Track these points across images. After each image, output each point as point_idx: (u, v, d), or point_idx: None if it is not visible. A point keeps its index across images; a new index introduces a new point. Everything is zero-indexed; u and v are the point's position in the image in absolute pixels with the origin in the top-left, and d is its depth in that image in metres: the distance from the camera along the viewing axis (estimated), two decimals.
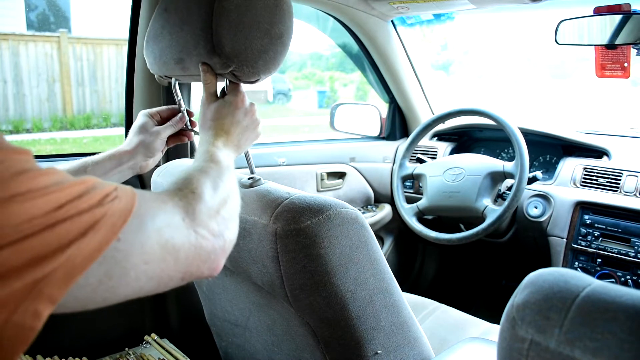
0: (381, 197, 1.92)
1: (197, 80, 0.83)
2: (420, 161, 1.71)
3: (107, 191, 0.41)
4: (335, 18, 1.75)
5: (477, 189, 1.46)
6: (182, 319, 1.39)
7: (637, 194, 1.35)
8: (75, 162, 0.87)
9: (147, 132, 0.90)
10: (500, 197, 1.51)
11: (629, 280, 1.33)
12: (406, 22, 1.84)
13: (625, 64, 1.31)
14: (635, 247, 1.32)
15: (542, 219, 1.50)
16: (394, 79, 1.87)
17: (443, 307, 1.35)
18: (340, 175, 1.82)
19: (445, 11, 1.70)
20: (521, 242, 1.63)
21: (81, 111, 6.04)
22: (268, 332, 0.91)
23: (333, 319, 0.76)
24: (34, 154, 0.40)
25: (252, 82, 0.77)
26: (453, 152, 1.81)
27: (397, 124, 1.97)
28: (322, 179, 1.76)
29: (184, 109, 0.93)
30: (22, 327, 0.34)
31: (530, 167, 1.52)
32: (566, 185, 1.49)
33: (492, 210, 1.41)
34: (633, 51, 1.30)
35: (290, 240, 0.71)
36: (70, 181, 0.39)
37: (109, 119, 6.32)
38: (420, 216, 1.58)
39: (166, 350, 1.18)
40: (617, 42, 1.27)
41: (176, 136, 0.95)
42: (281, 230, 0.71)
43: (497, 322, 0.54)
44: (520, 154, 1.39)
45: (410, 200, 1.63)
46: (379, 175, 1.90)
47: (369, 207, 1.91)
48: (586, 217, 1.42)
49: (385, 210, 1.89)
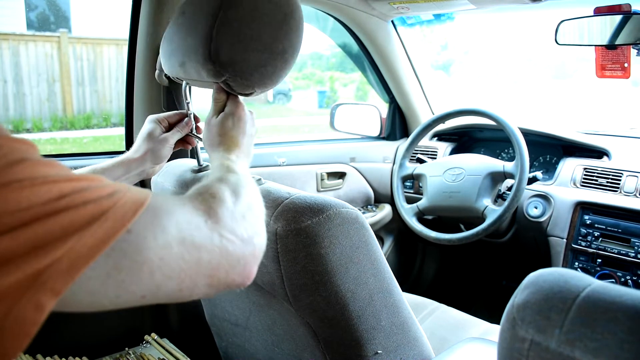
0: (381, 197, 1.92)
1: (196, 85, 0.84)
2: (421, 161, 1.71)
3: (116, 186, 0.40)
4: (335, 18, 1.75)
5: (477, 189, 1.46)
6: (182, 319, 1.39)
7: (637, 194, 1.35)
8: (83, 169, 0.87)
9: (155, 139, 0.90)
10: (500, 197, 1.51)
11: (629, 281, 1.33)
12: (406, 22, 1.84)
13: (626, 64, 1.31)
14: (635, 248, 1.32)
15: (542, 219, 1.50)
16: (394, 79, 1.87)
17: (443, 307, 1.35)
18: (341, 175, 1.82)
19: (446, 11, 1.70)
20: (521, 243, 1.63)
21: (81, 111, 6.04)
22: (268, 332, 0.91)
23: (333, 319, 0.76)
24: None
25: (246, 95, 0.77)
26: (453, 152, 1.81)
27: (397, 124, 1.97)
28: (322, 179, 1.76)
29: (191, 112, 0.93)
30: (24, 320, 0.33)
31: (530, 167, 1.53)
32: (566, 186, 1.49)
33: (492, 210, 1.42)
34: (633, 51, 1.30)
35: (291, 240, 0.71)
36: (76, 175, 0.38)
37: (109, 118, 6.32)
38: (420, 216, 1.58)
39: (166, 350, 1.18)
40: (617, 42, 1.27)
41: (181, 141, 0.95)
42: (281, 230, 0.71)
43: (497, 322, 0.54)
44: (520, 154, 1.39)
45: (410, 201, 1.63)
46: (379, 176, 1.90)
47: (369, 207, 1.91)
48: (586, 217, 1.42)
49: (386, 210, 1.89)
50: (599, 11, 1.29)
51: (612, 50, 1.31)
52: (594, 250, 1.39)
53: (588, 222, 1.41)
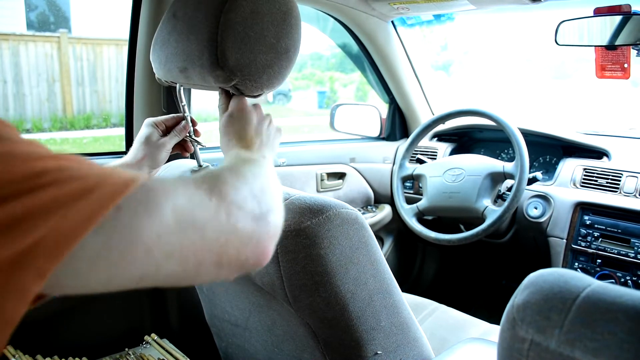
0: (381, 198, 1.92)
1: (199, 89, 0.83)
2: (420, 162, 1.71)
3: (107, 168, 0.38)
4: (335, 18, 1.75)
5: (477, 189, 1.46)
6: (182, 319, 1.39)
7: (637, 195, 1.35)
8: None
9: (152, 143, 0.89)
10: (500, 197, 1.51)
11: (629, 281, 1.33)
12: (406, 22, 1.84)
13: (625, 65, 1.31)
14: (635, 248, 1.32)
15: (542, 220, 1.50)
16: (394, 79, 1.87)
17: (443, 307, 1.35)
18: (340, 175, 1.83)
19: (445, 12, 1.70)
20: (521, 243, 1.63)
21: (81, 111, 6.04)
22: (268, 333, 0.91)
23: (333, 320, 0.76)
24: None
25: (255, 96, 0.77)
26: (453, 152, 1.81)
27: (397, 124, 1.97)
28: (322, 180, 1.76)
29: (187, 115, 0.93)
30: (5, 308, 0.30)
31: (530, 168, 1.53)
32: (566, 186, 1.49)
33: (492, 210, 1.42)
34: (633, 52, 1.30)
35: (290, 241, 0.71)
36: (63, 154, 0.36)
37: (109, 119, 6.32)
38: (420, 217, 1.58)
39: (166, 351, 1.18)
40: (617, 43, 1.27)
41: (179, 145, 0.94)
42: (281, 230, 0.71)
43: (497, 323, 0.54)
44: (520, 155, 1.39)
45: (410, 201, 1.63)
46: (379, 176, 1.90)
47: (369, 207, 1.91)
48: (586, 217, 1.42)
49: (385, 211, 1.89)
50: (599, 12, 1.29)
51: (612, 51, 1.31)
52: (594, 251, 1.39)
53: (588, 222, 1.41)
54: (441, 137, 1.90)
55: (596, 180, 1.44)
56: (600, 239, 1.39)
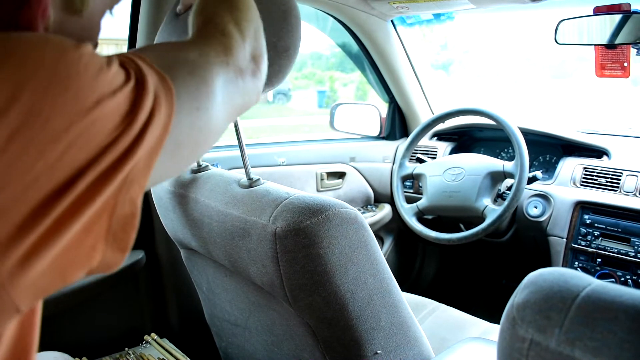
0: (381, 197, 1.92)
1: None
2: (420, 161, 1.71)
3: (149, 97, 0.39)
4: (335, 18, 1.75)
5: (477, 188, 1.46)
6: (182, 319, 1.39)
7: (637, 194, 1.35)
8: None
9: None
10: (500, 196, 1.51)
11: (629, 280, 1.33)
12: (406, 21, 1.83)
13: (625, 64, 1.31)
14: (635, 247, 1.32)
15: (542, 219, 1.50)
16: (393, 78, 1.87)
17: (443, 306, 1.35)
18: (340, 175, 1.82)
19: (445, 11, 1.70)
20: (521, 242, 1.63)
21: None
22: (268, 332, 0.91)
23: (333, 319, 0.76)
24: None
25: None
26: (453, 151, 1.81)
27: (397, 123, 1.97)
28: (322, 179, 1.76)
29: None
30: (125, 216, 0.37)
31: (530, 167, 1.52)
32: (566, 185, 1.49)
33: (492, 210, 1.41)
34: (633, 51, 1.30)
35: (290, 241, 0.71)
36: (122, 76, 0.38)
37: None
38: (420, 216, 1.57)
39: (166, 350, 1.18)
40: (617, 41, 1.27)
41: None
42: (280, 230, 0.71)
43: (497, 322, 0.54)
44: (520, 154, 1.39)
45: (410, 200, 1.63)
46: (378, 175, 1.90)
47: (368, 207, 1.91)
48: (586, 216, 1.42)
49: (385, 210, 1.89)
50: (599, 10, 1.29)
51: (612, 50, 1.31)
52: (594, 250, 1.39)
53: (588, 221, 1.41)
54: (441, 136, 1.90)
55: (596, 179, 1.44)
56: (600, 238, 1.38)
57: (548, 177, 1.56)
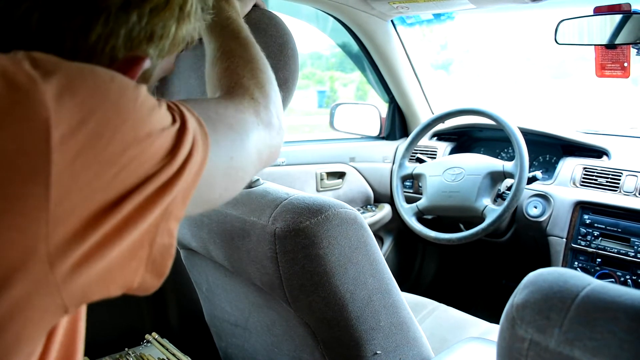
0: (381, 197, 1.92)
1: None
2: (420, 161, 1.71)
3: (191, 135, 0.44)
4: (335, 18, 1.75)
5: (476, 188, 1.46)
6: (182, 319, 1.39)
7: (637, 194, 1.35)
8: None
9: None
10: (500, 196, 1.51)
11: (629, 280, 1.33)
12: (406, 21, 1.83)
13: (625, 64, 1.31)
14: (635, 247, 1.32)
15: (541, 219, 1.50)
16: (393, 78, 1.87)
17: (443, 307, 1.35)
18: (340, 175, 1.82)
19: (445, 11, 1.70)
20: (521, 242, 1.63)
21: None
22: (267, 333, 0.91)
23: (332, 319, 0.76)
24: None
25: None
26: (453, 151, 1.81)
27: (397, 123, 1.96)
28: (321, 179, 1.76)
29: None
30: (164, 246, 0.41)
31: (529, 167, 1.52)
32: (566, 185, 1.49)
33: (491, 210, 1.41)
34: (633, 51, 1.30)
35: (289, 241, 0.71)
36: (167, 120, 0.43)
37: None
38: (420, 216, 1.57)
39: (166, 350, 1.18)
40: (617, 41, 1.27)
41: None
42: (280, 230, 0.71)
43: (497, 322, 0.54)
44: (519, 154, 1.39)
45: (409, 200, 1.63)
46: (378, 175, 1.90)
47: (368, 207, 1.91)
48: (586, 216, 1.42)
49: (385, 210, 1.89)
50: (599, 11, 1.29)
51: (612, 50, 1.31)
52: (594, 250, 1.39)
53: (588, 221, 1.41)
54: (441, 136, 1.90)
55: (596, 180, 1.44)
56: (600, 238, 1.38)
57: (548, 177, 1.55)
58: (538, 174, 1.44)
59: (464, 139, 1.86)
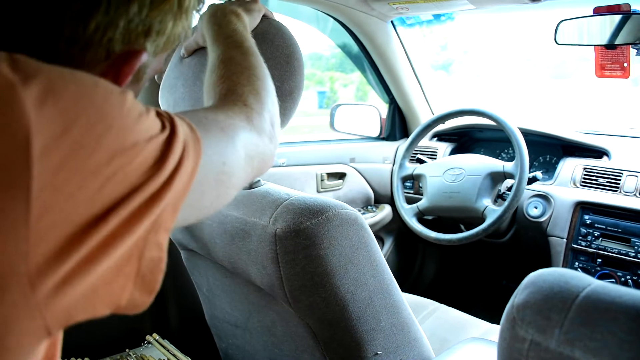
0: (381, 198, 1.92)
1: None
2: (420, 161, 1.71)
3: (182, 142, 0.42)
4: (334, 18, 1.75)
5: (477, 189, 1.46)
6: (182, 320, 1.39)
7: (637, 194, 1.35)
8: None
9: None
10: (500, 197, 1.51)
11: (629, 280, 1.33)
12: (406, 22, 1.83)
13: (625, 64, 1.31)
14: (636, 247, 1.32)
15: (542, 219, 1.50)
16: (393, 79, 1.87)
17: (443, 307, 1.35)
18: (340, 175, 1.82)
19: (445, 11, 1.70)
20: (521, 243, 1.63)
21: None
22: (268, 333, 0.91)
23: (333, 320, 0.76)
24: None
25: None
26: (453, 152, 1.81)
27: (397, 124, 1.97)
28: (322, 180, 1.76)
29: None
30: (153, 260, 0.39)
31: (530, 167, 1.52)
32: (566, 186, 1.49)
33: (492, 210, 1.41)
34: (633, 51, 1.30)
35: (290, 242, 0.71)
36: (155, 129, 0.41)
37: None
38: (420, 217, 1.57)
39: (167, 351, 1.18)
40: (617, 42, 1.27)
41: None
42: (281, 231, 0.71)
43: (498, 323, 0.54)
44: (520, 154, 1.39)
45: (410, 201, 1.63)
46: (379, 176, 1.90)
47: (369, 207, 1.91)
48: (586, 217, 1.42)
49: (385, 211, 1.89)
50: (599, 11, 1.29)
51: (612, 50, 1.31)
52: (594, 250, 1.39)
53: (588, 221, 1.41)
54: (441, 136, 1.90)
55: (596, 180, 1.44)
56: (600, 239, 1.38)
57: (548, 178, 1.55)
58: (538, 174, 1.44)
59: (464, 140, 1.86)
